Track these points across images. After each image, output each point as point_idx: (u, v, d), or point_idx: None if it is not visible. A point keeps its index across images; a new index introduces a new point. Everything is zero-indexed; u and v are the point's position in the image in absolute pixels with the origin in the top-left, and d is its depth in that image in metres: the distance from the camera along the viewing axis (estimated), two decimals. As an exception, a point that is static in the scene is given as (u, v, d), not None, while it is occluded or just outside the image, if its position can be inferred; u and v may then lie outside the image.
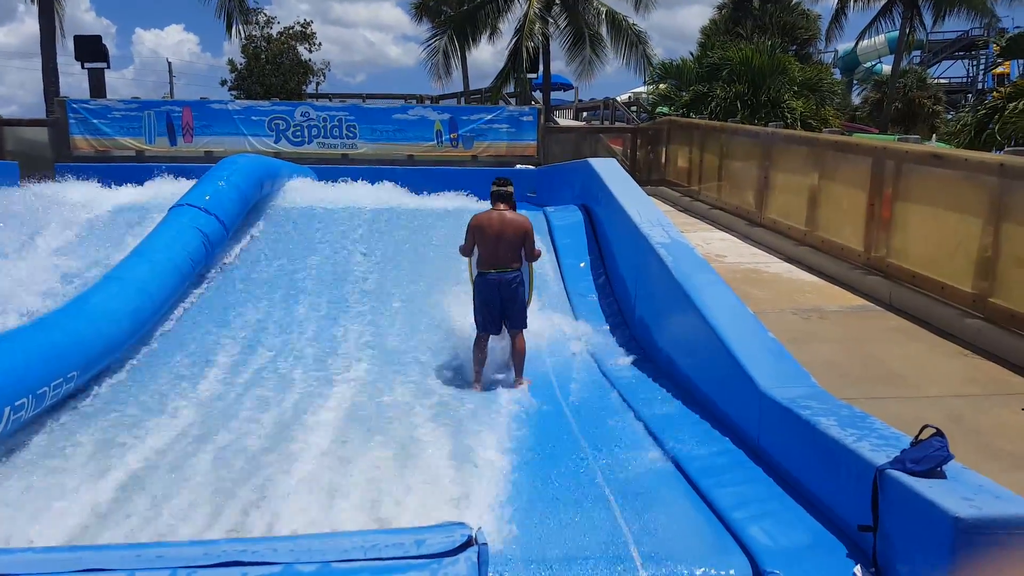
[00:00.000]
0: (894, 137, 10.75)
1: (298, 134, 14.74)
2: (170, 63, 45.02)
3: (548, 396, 5.38)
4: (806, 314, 6.24)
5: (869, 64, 35.79)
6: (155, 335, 6.47)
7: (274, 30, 29.09)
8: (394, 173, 11.71)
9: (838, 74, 34.35)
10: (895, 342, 5.63)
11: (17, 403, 4.40)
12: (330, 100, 19.38)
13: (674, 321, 5.58)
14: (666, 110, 18.46)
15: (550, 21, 21.16)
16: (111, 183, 10.74)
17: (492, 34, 23.46)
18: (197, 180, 8.87)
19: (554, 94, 26.91)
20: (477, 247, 5.63)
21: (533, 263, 5.89)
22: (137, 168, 12.40)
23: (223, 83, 31.20)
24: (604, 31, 21.45)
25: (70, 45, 17.11)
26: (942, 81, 36.43)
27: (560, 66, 27.25)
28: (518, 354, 5.61)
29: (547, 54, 21.34)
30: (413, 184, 11.07)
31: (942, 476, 2.80)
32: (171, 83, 39.89)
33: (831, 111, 18.13)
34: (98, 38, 16.77)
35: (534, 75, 20.08)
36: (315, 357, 6.20)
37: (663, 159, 14.14)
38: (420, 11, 30.96)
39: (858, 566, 2.95)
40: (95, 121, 14.38)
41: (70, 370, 5.00)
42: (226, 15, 20.78)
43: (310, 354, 6.26)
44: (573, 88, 27.64)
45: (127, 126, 14.48)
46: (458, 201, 10.29)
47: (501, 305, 5.54)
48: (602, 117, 22.56)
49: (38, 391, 4.62)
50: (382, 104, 16.72)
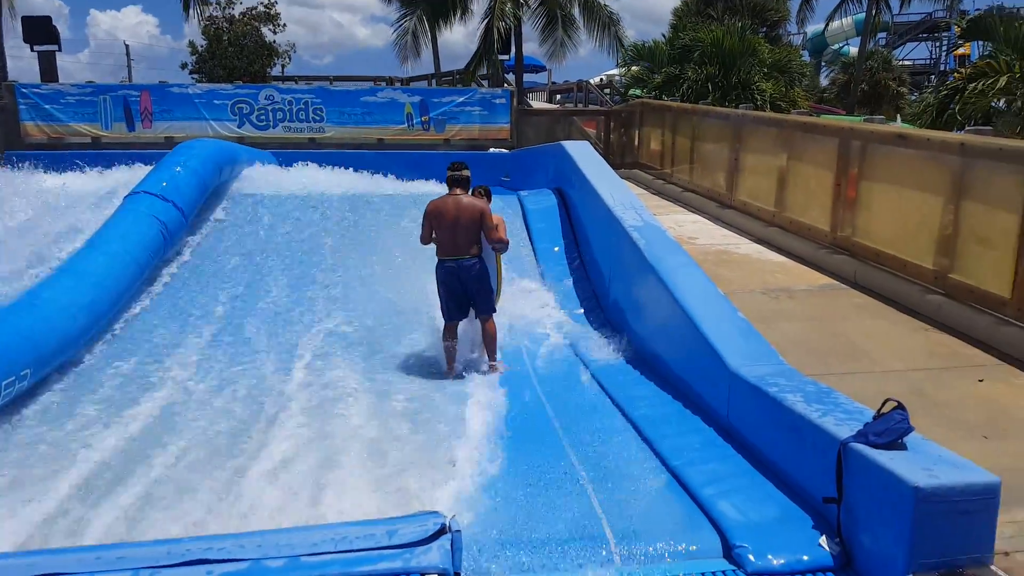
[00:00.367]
0: (860, 118, 10.91)
1: (263, 118, 14.41)
2: (127, 46, 43.77)
3: (522, 380, 5.42)
4: (774, 294, 6.35)
5: (837, 46, 36.15)
6: (113, 329, 6.30)
7: (236, 11, 28.41)
8: (363, 158, 11.57)
9: (807, 56, 34.66)
10: (860, 319, 5.77)
11: None
12: (296, 83, 19.01)
13: (647, 303, 5.65)
14: (639, 92, 18.51)
15: (522, 2, 21.03)
16: (65, 170, 10.42)
17: (463, 15, 23.22)
18: (153, 166, 8.61)
19: (527, 76, 26.80)
20: (435, 234, 5.54)
21: (501, 255, 5.76)
22: (93, 155, 11.98)
23: (183, 66, 30.34)
24: (576, 12, 21.38)
25: (19, 27, 16.47)
26: (906, 63, 36.93)
27: (533, 48, 27.16)
28: (490, 339, 5.60)
29: (519, 36, 21.20)
30: (382, 169, 10.95)
31: (903, 448, 2.89)
32: (129, 67, 38.71)
33: (800, 92, 18.33)
34: (48, 19, 16.16)
35: (506, 57, 19.95)
36: (281, 348, 6.12)
37: (636, 142, 14.19)
38: (390, -10, 30.44)
39: (823, 537, 3.05)
40: (47, 107, 13.91)
41: (22, 368, 4.86)
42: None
43: (275, 345, 6.17)
44: (546, 70, 27.56)
45: (82, 111, 14.03)
46: (429, 187, 10.22)
47: (464, 292, 5.49)
48: (576, 100, 22.55)
49: None
50: (350, 87, 16.43)
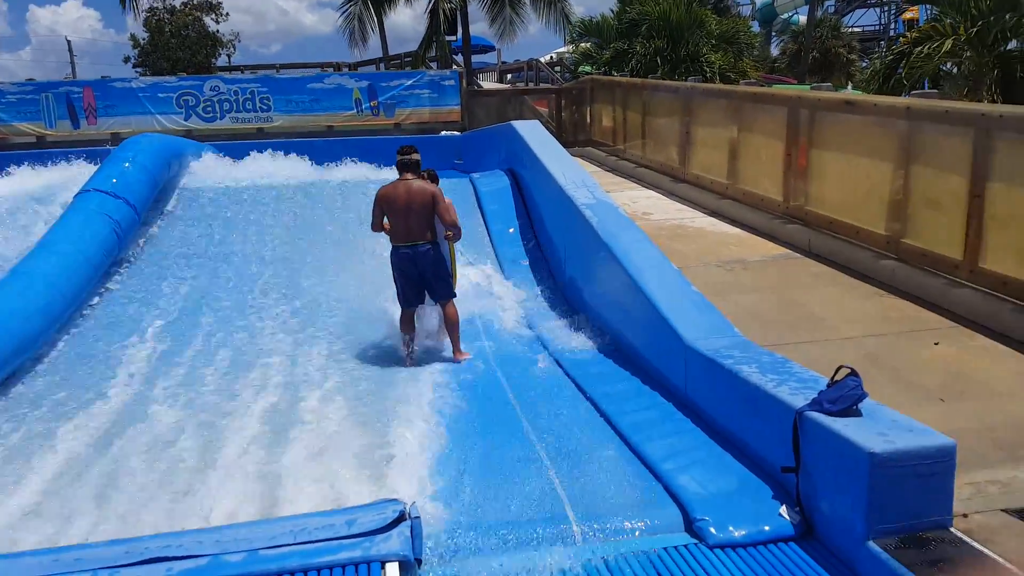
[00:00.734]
0: (808, 86, 10.98)
1: (209, 109, 14.14)
2: (69, 41, 42.23)
3: (482, 363, 5.34)
4: (729, 266, 6.36)
5: (787, 15, 36.46)
6: (69, 330, 6.14)
7: (177, 1, 27.58)
8: (312, 146, 11.33)
9: (757, 27, 34.91)
10: (814, 287, 5.80)
11: None
12: (242, 72, 18.52)
13: (602, 281, 5.60)
14: (588, 69, 18.40)
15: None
16: (8, 170, 10.11)
17: (409, -3, 22.80)
18: (101, 163, 8.48)
19: (477, 57, 26.49)
20: (388, 220, 5.41)
21: (454, 243, 5.69)
22: (38, 154, 11.61)
23: (126, 60, 29.54)
24: (522, -12, 21.13)
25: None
26: (856, 30, 37.42)
27: (483, 28, 26.71)
28: (452, 325, 5.47)
29: (465, 16, 20.91)
30: (333, 156, 10.77)
31: (858, 414, 2.88)
32: (72, 63, 37.52)
33: (749, 63, 18.42)
34: None
35: (453, 38, 19.67)
36: (236, 341, 5.99)
37: (588, 119, 14.11)
38: (333, -25, 29.77)
39: (784, 507, 3.04)
40: None
41: None
42: (118, -15, 19.54)
43: (231, 338, 6.03)
44: (495, 50, 27.23)
45: (24, 110, 13.67)
46: (381, 172, 10.06)
47: (420, 278, 5.38)
48: (526, 79, 22.33)
49: None
50: (296, 74, 16.14)
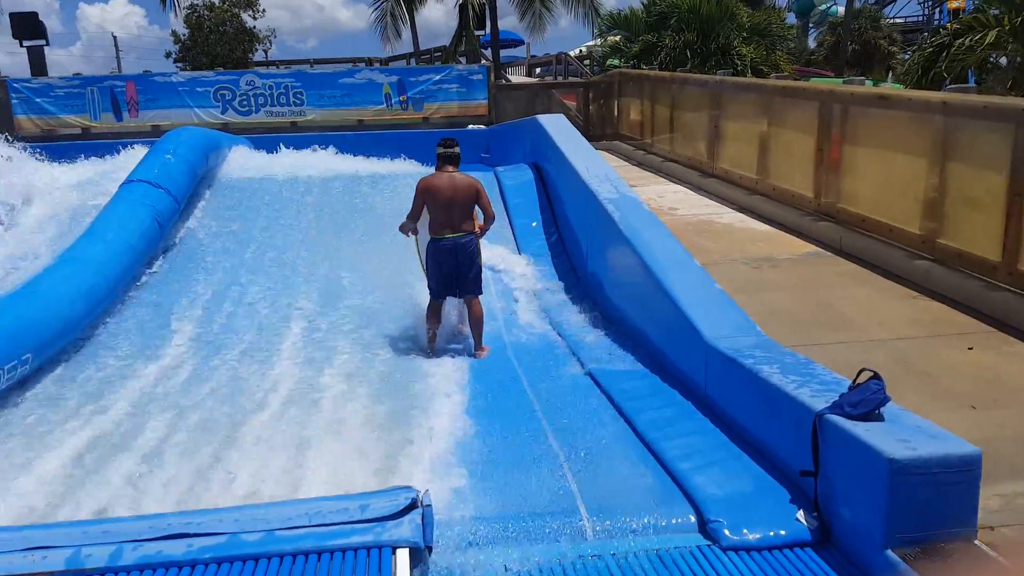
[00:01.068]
0: (841, 80, 10.73)
1: (245, 103, 14.39)
2: (115, 37, 43.37)
3: (501, 357, 5.34)
4: (757, 263, 6.23)
5: (825, 6, 35.64)
6: (111, 313, 6.37)
7: (216, -2, 28.01)
8: (343, 139, 11.43)
9: (793, 18, 34.20)
10: (844, 287, 5.65)
11: None
12: (277, 67, 18.80)
13: (624, 277, 5.53)
14: (617, 62, 18.20)
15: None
16: (60, 161, 10.36)
17: (440, -8, 22.89)
18: (144, 155, 8.71)
19: (506, 51, 26.45)
20: (428, 212, 5.41)
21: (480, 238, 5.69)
22: (84, 145, 11.94)
23: (168, 55, 30.15)
24: (552, -18, 21.01)
25: (8, 23, 16.50)
26: (898, 20, 36.47)
27: (512, 22, 26.73)
28: (476, 321, 5.46)
29: (494, 10, 20.88)
30: (362, 150, 10.86)
31: (880, 419, 2.79)
32: (118, 58, 38.49)
33: (782, 56, 18.01)
34: (34, 15, 16.16)
35: (482, 32, 19.65)
36: (265, 324, 6.15)
37: (616, 113, 13.98)
38: (367, -29, 29.99)
39: (801, 511, 2.96)
40: (38, 100, 14.04)
41: (24, 352, 4.99)
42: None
43: (261, 322, 6.21)
44: (525, 44, 27.16)
45: (71, 104, 14.14)
46: (408, 166, 10.12)
47: (455, 270, 5.39)
48: (555, 72, 22.21)
49: None
50: (329, 69, 16.30)
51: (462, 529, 3.00)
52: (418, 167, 9.65)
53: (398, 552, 2.65)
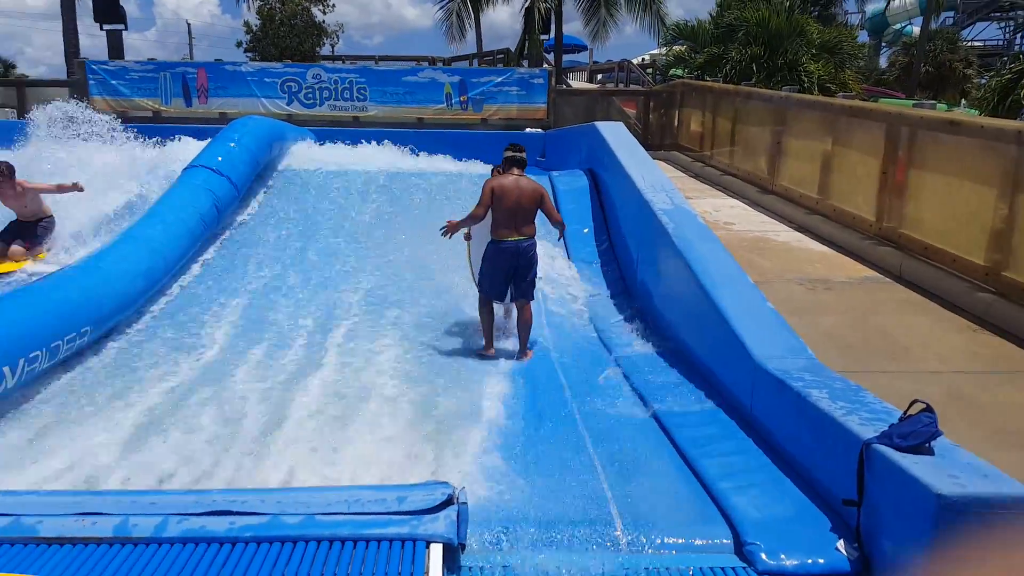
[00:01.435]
0: (911, 103, 10.42)
1: (310, 96, 14.65)
2: (189, 25, 44.96)
3: (544, 361, 5.35)
4: (812, 284, 6.12)
5: (899, 26, 34.70)
6: (166, 294, 6.58)
7: (288, -9, 28.70)
8: (403, 136, 11.60)
9: (866, 36, 33.36)
10: (901, 315, 5.51)
11: (31, 355, 4.55)
12: (343, 62, 19.17)
13: (673, 288, 5.50)
14: (680, 72, 18.05)
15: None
16: (170, 138, 10.71)
17: (506, -6, 23.04)
18: (209, 141, 8.93)
19: (568, 56, 26.44)
20: (492, 212, 5.40)
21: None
22: (155, 128, 12.39)
23: (239, 45, 31.01)
24: (618, -10, 20.95)
25: (91, 6, 17.17)
26: (976, 44, 35.25)
27: (576, 27, 26.71)
28: (525, 324, 5.49)
29: (560, 15, 20.92)
30: (421, 147, 11.01)
31: (930, 452, 2.73)
32: (190, 45, 39.86)
33: (851, 74, 17.60)
34: (116, 0, 16.72)
35: (546, 37, 19.69)
36: (317, 313, 6.25)
37: (676, 123, 13.86)
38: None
39: (841, 541, 2.91)
40: (113, 82, 14.50)
41: (83, 325, 5.17)
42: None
43: (312, 310, 6.30)
44: (588, 50, 27.10)
45: (144, 87, 14.58)
46: (468, 165, 10.22)
47: (513, 273, 5.42)
48: (616, 79, 22.11)
49: (51, 344, 4.78)
50: (393, 67, 16.53)
51: (496, 529, 3.00)
52: (480, 167, 9.72)
53: (432, 547, 2.67)
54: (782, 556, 2.84)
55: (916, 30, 30.91)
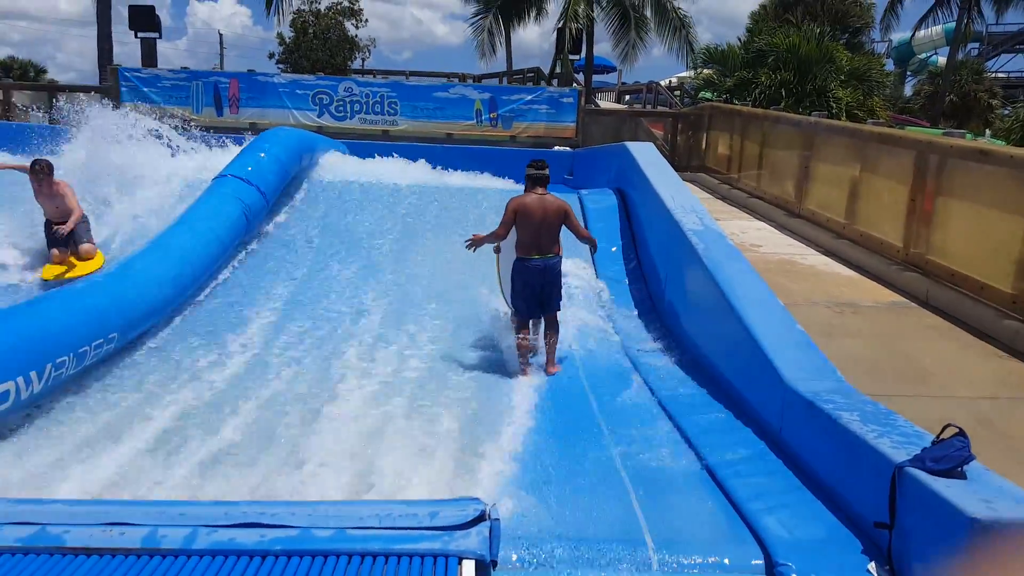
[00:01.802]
0: (940, 131, 10.43)
1: (341, 109, 14.86)
2: (221, 35, 45.80)
3: (572, 377, 5.40)
4: (839, 308, 6.15)
5: (924, 55, 34.66)
6: (193, 302, 6.64)
7: (322, 5, 29.28)
8: (432, 151, 11.73)
9: (891, 65, 33.31)
10: (928, 340, 5.52)
11: (58, 360, 4.57)
12: (374, 76, 19.45)
13: (702, 309, 5.55)
14: (709, 95, 18.15)
15: (595, 2, 20.93)
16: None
17: (538, 14, 23.35)
18: (240, 151, 9.05)
19: (597, 76, 26.62)
20: (517, 231, 5.45)
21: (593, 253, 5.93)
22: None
23: (271, 56, 31.58)
24: (649, 13, 21.17)
25: (126, 14, 17.58)
26: (1000, 75, 35.11)
27: (606, 48, 26.87)
28: (553, 338, 5.57)
29: (590, 36, 21.12)
30: (451, 163, 11.09)
31: (962, 476, 2.77)
32: (222, 55, 40.55)
33: (878, 102, 17.62)
34: (151, 8, 17.13)
35: (576, 57, 19.89)
36: (346, 323, 6.32)
37: (703, 145, 13.93)
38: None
39: (872, 563, 2.94)
40: (145, 89, 14.69)
41: (111, 331, 5.20)
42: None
43: (341, 320, 6.38)
44: (616, 71, 27.30)
45: (175, 95, 14.75)
46: (495, 182, 10.32)
47: (542, 290, 5.48)
48: (644, 100, 22.26)
49: (79, 350, 4.81)
50: (424, 82, 16.74)
51: (527, 547, 3.02)
52: (508, 184, 9.82)
53: (464, 563, 2.60)
54: (813, 577, 2.87)
55: (941, 60, 30.85)
